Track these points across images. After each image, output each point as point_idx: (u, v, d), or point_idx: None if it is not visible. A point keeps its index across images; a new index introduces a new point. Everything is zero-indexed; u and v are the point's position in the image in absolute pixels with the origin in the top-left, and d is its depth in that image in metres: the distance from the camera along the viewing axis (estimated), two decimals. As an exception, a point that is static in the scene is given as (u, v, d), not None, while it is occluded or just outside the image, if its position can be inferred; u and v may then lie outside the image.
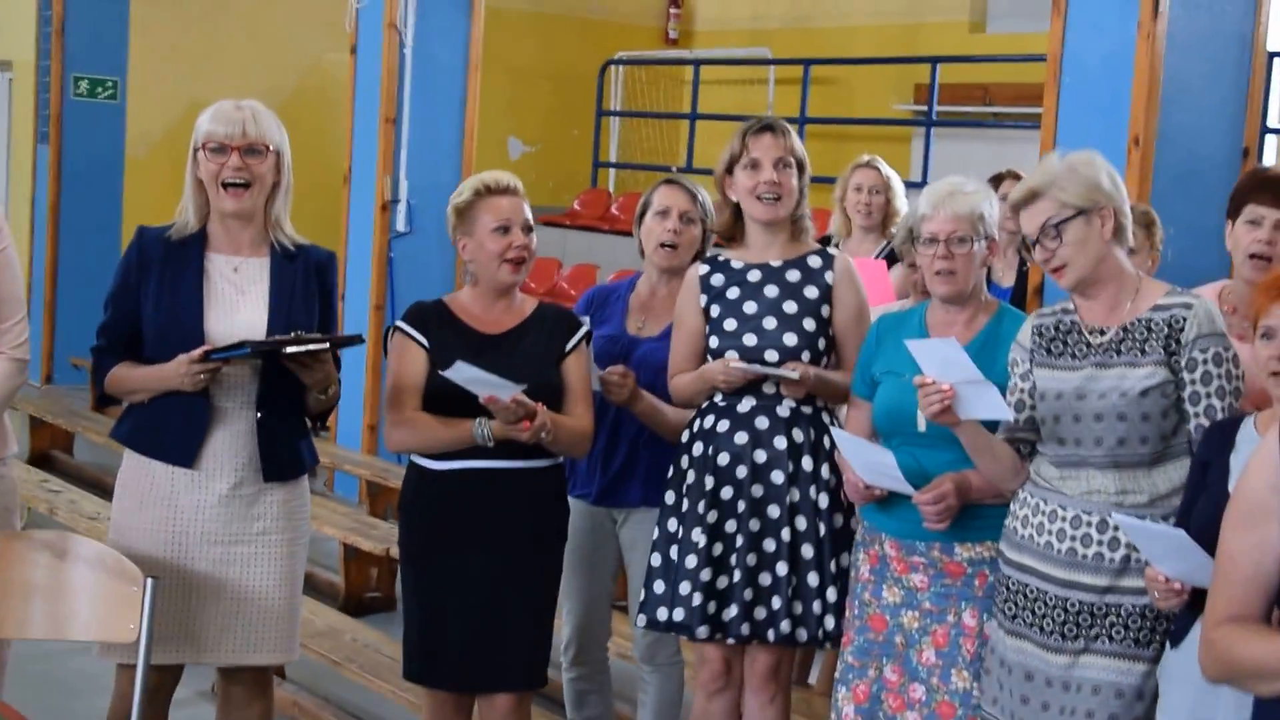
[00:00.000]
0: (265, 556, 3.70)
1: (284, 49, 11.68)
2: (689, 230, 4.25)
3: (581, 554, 4.28)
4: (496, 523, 3.74)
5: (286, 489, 3.73)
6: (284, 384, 3.61)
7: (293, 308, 3.66)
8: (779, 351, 3.86)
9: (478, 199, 3.80)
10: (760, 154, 3.90)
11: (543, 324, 3.86)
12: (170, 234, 3.69)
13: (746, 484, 3.86)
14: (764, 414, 3.89)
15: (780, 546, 3.83)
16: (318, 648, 4.99)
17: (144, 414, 3.69)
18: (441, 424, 3.71)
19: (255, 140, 3.61)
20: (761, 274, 3.96)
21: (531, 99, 11.68)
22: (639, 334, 4.27)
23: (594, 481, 4.25)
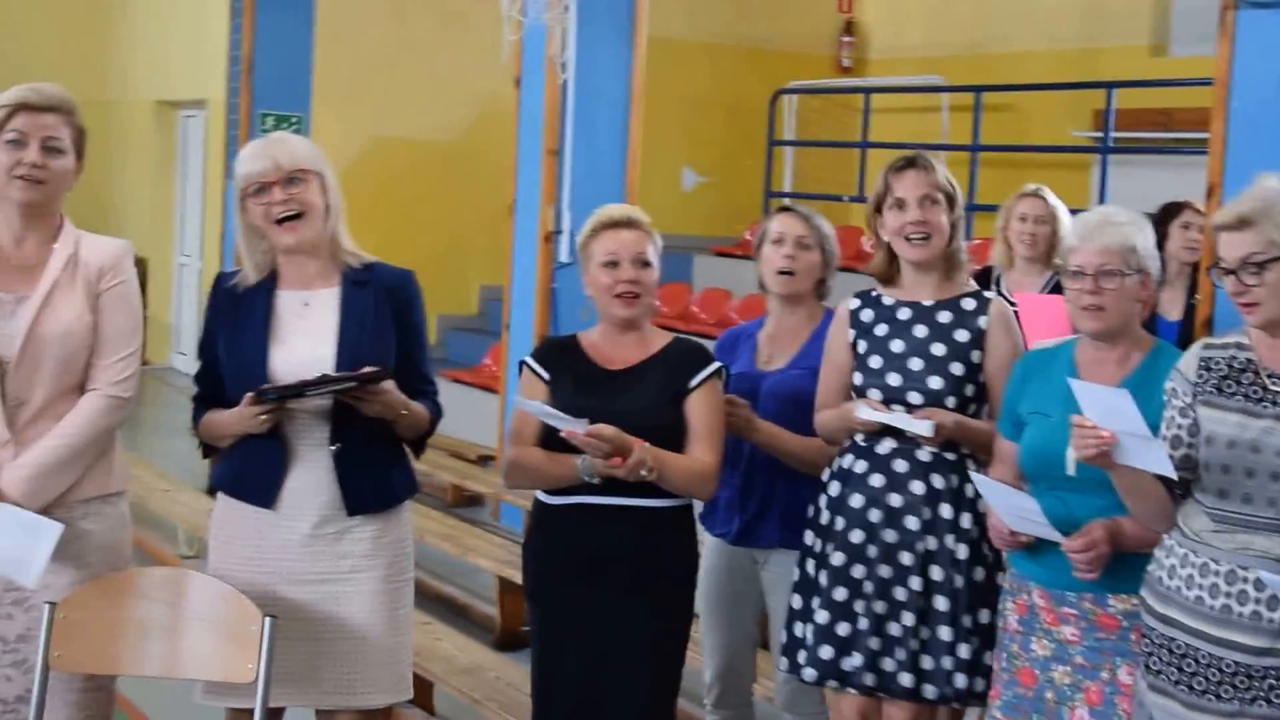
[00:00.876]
0: (359, 594, 3.57)
1: (461, 84, 11.80)
2: (805, 256, 4.09)
3: (722, 595, 4.15)
4: (611, 561, 3.61)
5: (378, 522, 3.61)
6: (361, 415, 3.50)
7: (362, 337, 3.55)
8: (922, 395, 3.68)
9: (594, 234, 3.72)
10: (905, 192, 3.74)
11: (668, 360, 3.72)
12: (240, 279, 3.65)
13: (879, 529, 3.69)
14: (903, 457, 3.71)
15: (910, 596, 3.65)
16: (459, 685, 4.90)
17: (230, 458, 3.64)
18: (550, 459, 3.61)
19: (292, 169, 3.53)
20: (912, 312, 3.79)
21: (704, 129, 11.60)
22: (767, 366, 4.12)
23: (732, 521, 4.10)
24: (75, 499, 3.50)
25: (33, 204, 3.47)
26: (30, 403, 3.45)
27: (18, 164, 3.44)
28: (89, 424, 3.48)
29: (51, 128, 3.47)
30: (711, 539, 4.15)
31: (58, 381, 3.47)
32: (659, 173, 11.03)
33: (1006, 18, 10.77)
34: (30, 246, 3.52)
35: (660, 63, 8.40)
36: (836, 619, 3.69)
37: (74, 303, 3.48)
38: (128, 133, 14.29)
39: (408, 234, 11.41)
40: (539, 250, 7.92)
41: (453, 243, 11.72)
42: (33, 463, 3.41)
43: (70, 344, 3.46)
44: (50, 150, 3.47)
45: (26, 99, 3.46)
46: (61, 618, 3.32)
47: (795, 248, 4.06)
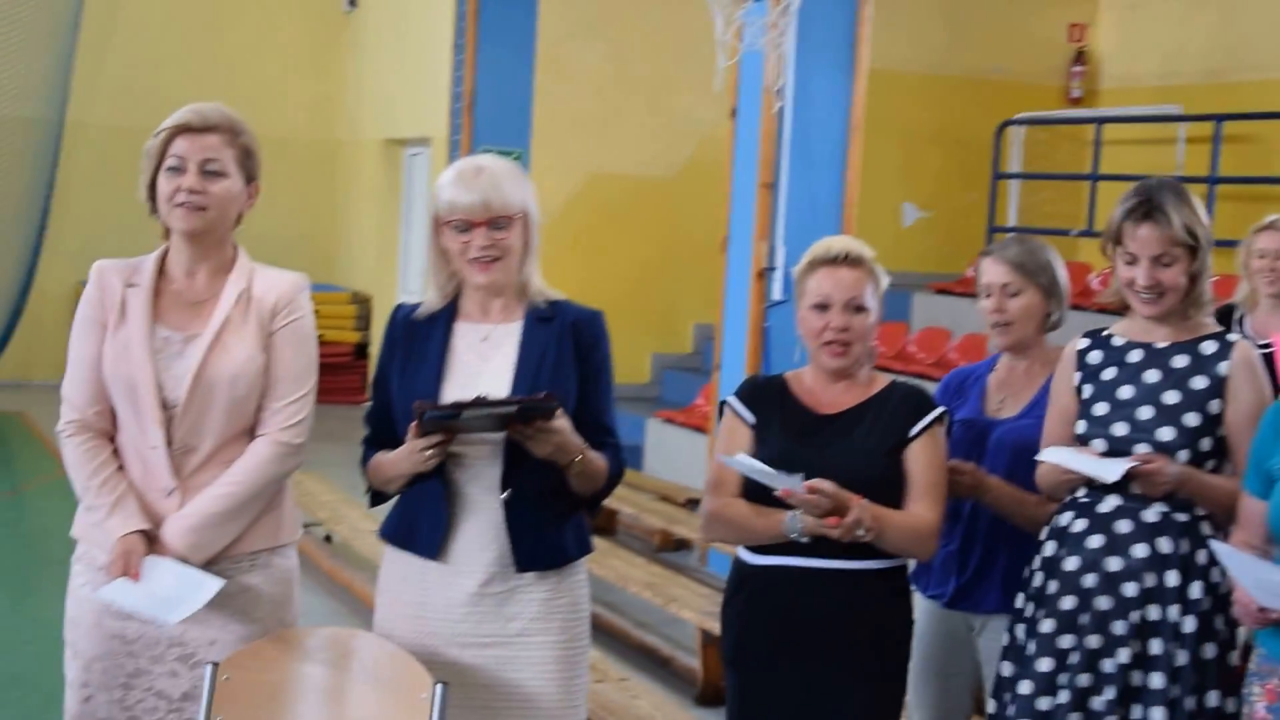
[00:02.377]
0: (526, 661, 3.23)
1: (680, 118, 11.64)
2: (1015, 304, 3.66)
3: (934, 662, 3.76)
4: (819, 630, 3.27)
5: (550, 583, 3.25)
6: (535, 463, 3.16)
7: (540, 374, 3.21)
8: (1152, 446, 3.26)
9: (809, 270, 3.37)
10: (1138, 249, 3.30)
11: (885, 405, 3.35)
12: (420, 311, 3.34)
13: (1093, 595, 3.28)
14: (1128, 517, 3.29)
15: (1117, 670, 3.23)
16: (655, 748, 4.56)
17: (398, 505, 3.34)
18: (754, 513, 3.28)
19: (500, 213, 3.20)
20: (1143, 354, 3.37)
21: (924, 163, 11.20)
22: (997, 414, 3.71)
23: (948, 582, 3.70)
24: (242, 551, 3.26)
25: (196, 232, 3.25)
26: (199, 449, 3.23)
27: (177, 190, 3.22)
28: (257, 472, 3.23)
29: (212, 149, 3.24)
30: (924, 601, 3.77)
31: (228, 426, 3.24)
32: (877, 208, 10.64)
33: (1251, 43, 10.09)
34: (202, 280, 3.30)
35: (880, 94, 8.02)
36: (1040, 692, 3.31)
37: (246, 342, 3.25)
38: (357, 172, 14.51)
39: (623, 270, 11.25)
40: (751, 287, 7.58)
41: (668, 280, 11.54)
42: (196, 513, 3.18)
43: (241, 386, 3.23)
44: (210, 175, 3.23)
45: (186, 121, 3.24)
46: (225, 679, 3.08)
47: (1001, 297, 3.66)
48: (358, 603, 7.04)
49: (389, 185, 14.02)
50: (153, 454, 3.20)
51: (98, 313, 3.26)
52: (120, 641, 3.22)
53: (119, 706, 3.23)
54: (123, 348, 3.21)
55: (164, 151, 3.23)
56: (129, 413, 3.22)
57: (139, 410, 3.20)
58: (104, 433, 3.26)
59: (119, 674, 3.22)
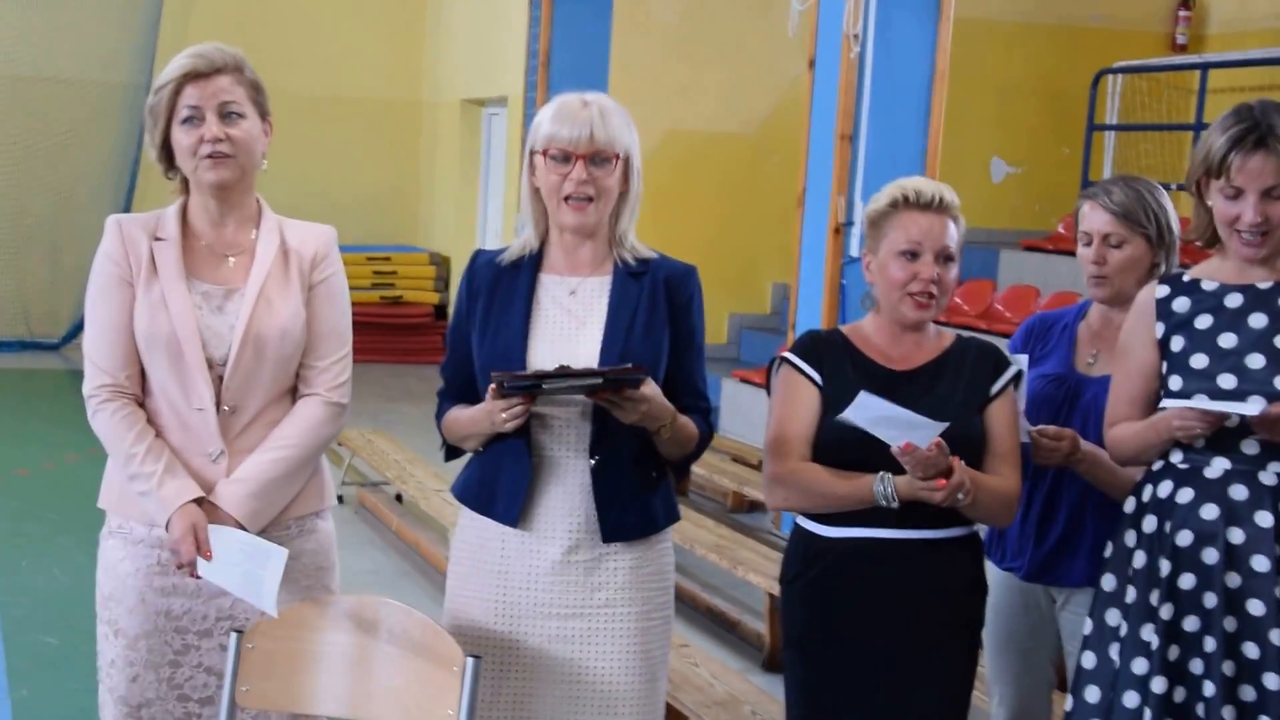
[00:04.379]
0: (611, 633, 3.06)
1: (758, 74, 11.41)
2: (1116, 255, 3.39)
3: (1013, 637, 3.53)
4: (900, 605, 3.05)
5: (636, 551, 3.08)
6: (624, 427, 2.96)
7: (631, 333, 3.02)
8: (1266, 399, 2.90)
9: (893, 211, 3.10)
10: (1244, 181, 2.95)
11: (963, 361, 3.12)
12: (503, 257, 3.13)
13: (1218, 572, 2.95)
14: (1242, 481, 2.96)
15: (1269, 652, 2.90)
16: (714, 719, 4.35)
17: (477, 465, 3.15)
18: (835, 477, 3.04)
19: (604, 147, 2.98)
20: (1244, 298, 3.04)
21: (1017, 116, 10.85)
22: (1089, 371, 3.43)
23: (1026, 554, 3.45)
24: (291, 516, 3.12)
25: (227, 183, 3.06)
26: (246, 409, 3.07)
27: (200, 142, 3.03)
28: (311, 434, 3.09)
29: (225, 91, 3.04)
30: (999, 573, 3.52)
31: (274, 385, 3.09)
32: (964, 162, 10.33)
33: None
34: (230, 232, 3.12)
35: (969, 44, 7.74)
36: (1169, 683, 2.98)
37: (290, 297, 3.08)
38: (436, 133, 14.43)
39: (701, 229, 11.05)
40: (828, 244, 7.32)
41: (746, 238, 11.33)
42: (253, 478, 3.03)
43: (289, 343, 3.07)
44: (230, 118, 3.04)
45: (192, 67, 3.04)
46: (250, 648, 2.92)
47: (1103, 247, 3.39)
48: (425, 562, 6.98)
49: (468, 146, 13.92)
50: (198, 416, 3.04)
51: (122, 270, 3.07)
52: (166, 618, 3.08)
53: (168, 685, 3.10)
54: (159, 304, 3.03)
55: (174, 104, 3.04)
56: (168, 373, 3.04)
57: (183, 369, 3.03)
58: (136, 398, 3.08)
59: (167, 651, 3.09)
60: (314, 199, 11.25)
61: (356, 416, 9.85)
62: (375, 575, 6.75)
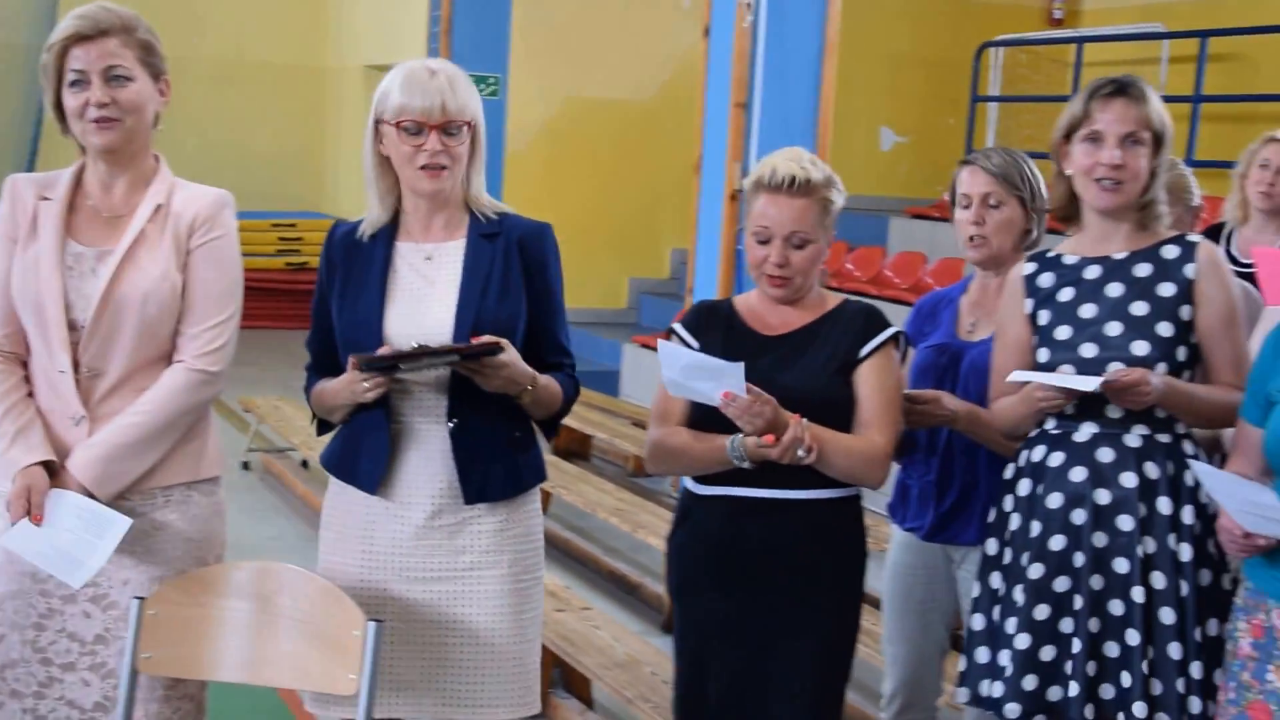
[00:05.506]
0: (479, 595, 3.06)
1: (656, 41, 11.41)
2: (995, 216, 3.42)
3: (911, 597, 3.59)
4: (764, 561, 3.08)
5: (502, 513, 3.08)
6: (479, 390, 2.98)
7: (486, 296, 3.02)
8: (1127, 364, 3.01)
9: (754, 191, 3.12)
10: (1105, 126, 3.05)
11: (836, 325, 3.13)
12: (361, 229, 3.11)
13: (1086, 532, 3.03)
14: (1108, 444, 3.06)
15: (1132, 610, 3.00)
16: (613, 681, 4.40)
17: (342, 434, 3.15)
18: (697, 441, 3.07)
19: (455, 116, 2.96)
20: (1102, 269, 3.12)
21: (904, 86, 10.97)
22: (969, 337, 3.50)
23: (927, 514, 3.50)
24: (155, 485, 3.03)
25: (114, 146, 3.00)
26: (107, 374, 2.99)
27: (85, 106, 2.97)
28: (170, 401, 2.99)
29: (111, 54, 2.97)
30: (900, 533, 3.59)
31: (139, 350, 3.00)
32: (856, 131, 10.44)
33: (1236, -42, 9.81)
34: (119, 194, 3.06)
35: (859, 15, 7.78)
36: (1041, 642, 3.07)
37: (160, 259, 3.00)
38: (341, 99, 14.25)
39: (601, 195, 11.06)
40: (724, 210, 7.36)
41: (645, 205, 11.35)
42: (104, 443, 2.96)
43: (153, 307, 2.98)
44: (116, 81, 2.97)
45: (77, 30, 2.97)
46: (151, 614, 2.90)
47: (981, 208, 3.42)
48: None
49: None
50: (61, 379, 2.98)
51: (9, 228, 3.02)
52: (32, 580, 3.02)
53: (31, 648, 3.03)
54: (32, 264, 2.98)
55: (61, 66, 2.98)
56: (37, 334, 2.99)
57: (46, 331, 2.97)
58: (15, 357, 3.03)
59: (31, 614, 3.03)
60: (218, 164, 11.09)
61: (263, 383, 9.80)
62: (279, 541, 6.70)
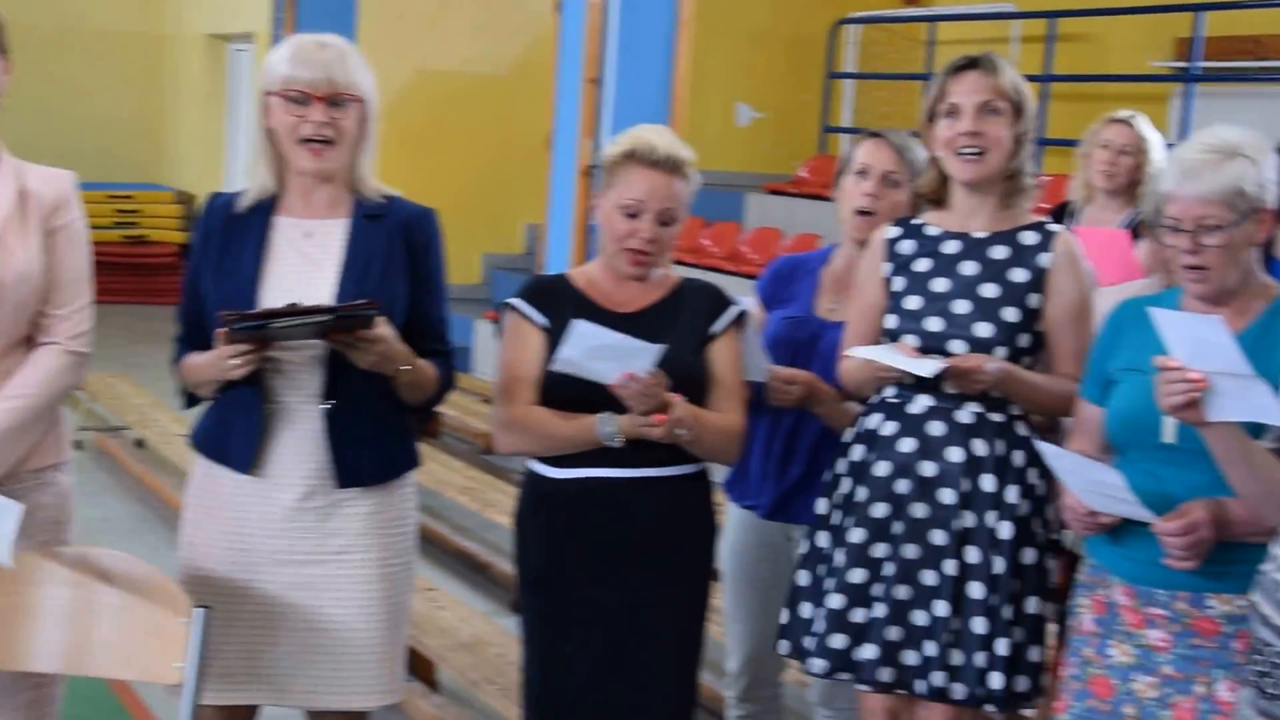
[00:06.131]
0: (349, 579, 2.99)
1: (508, 14, 11.24)
2: (891, 194, 3.36)
3: (752, 575, 3.54)
4: (629, 544, 3.03)
5: (375, 498, 3.01)
6: (360, 371, 2.89)
7: (367, 278, 2.94)
8: (968, 343, 3.02)
9: (626, 162, 3.03)
10: (961, 98, 3.04)
11: (685, 302, 3.09)
12: (239, 201, 3.01)
13: (907, 502, 3.04)
14: (940, 418, 3.06)
15: (943, 582, 3.01)
16: (457, 663, 4.31)
17: (213, 412, 3.05)
18: (560, 419, 2.98)
19: (343, 89, 2.89)
20: (960, 245, 3.10)
21: (761, 62, 10.92)
22: (830, 316, 3.42)
23: (766, 493, 3.45)
24: (28, 468, 2.97)
25: None
26: None
27: None
28: (49, 382, 2.94)
29: None
30: (739, 512, 3.53)
31: (10, 333, 2.91)
32: (713, 107, 10.39)
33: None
34: None
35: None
36: (852, 604, 3.08)
37: (29, 242, 2.91)
38: (181, 68, 13.86)
39: (453, 170, 10.88)
40: (577, 186, 7.29)
41: (498, 179, 11.21)
42: None
43: (25, 289, 2.89)
44: None
45: None
46: (-36, 603, 2.73)
47: (881, 184, 3.35)
48: (166, 509, 6.69)
49: (213, 82, 13.43)
50: None
51: None
52: None
53: None
54: None
55: None
56: None
57: None
58: None
59: None
60: (52, 135, 10.69)
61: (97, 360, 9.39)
62: (110, 524, 6.47)
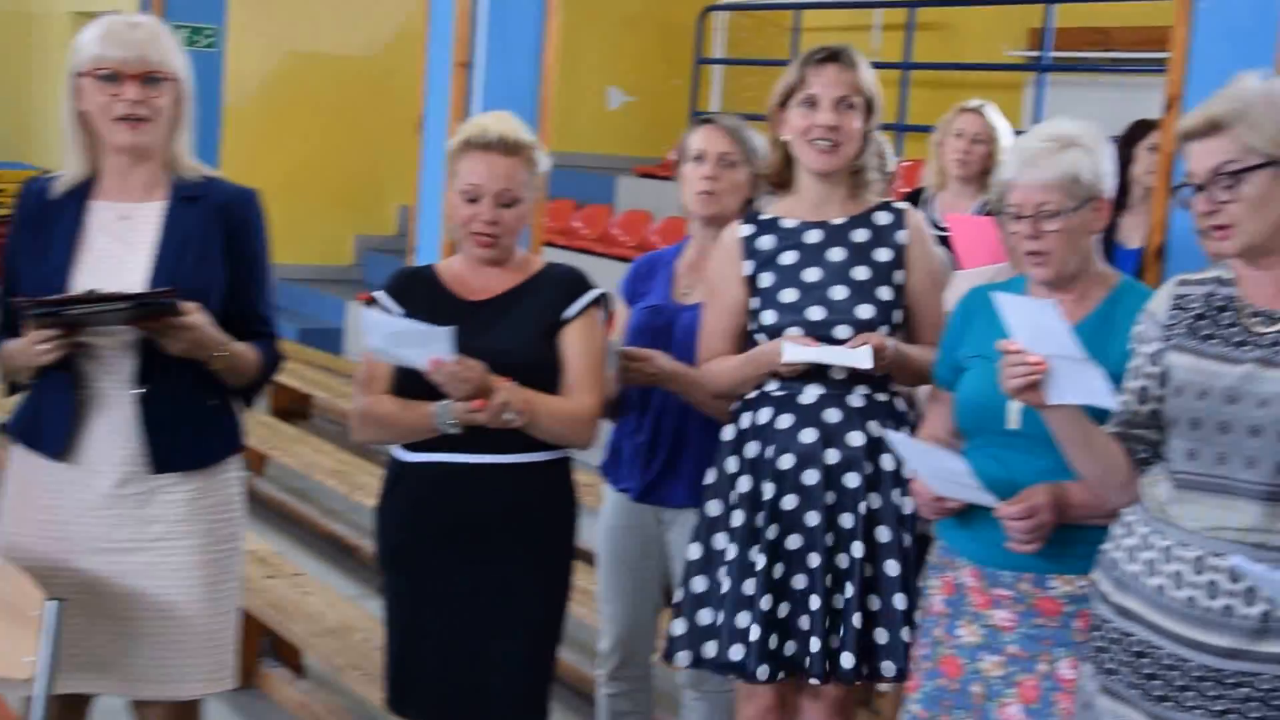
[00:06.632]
0: (170, 567, 2.97)
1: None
2: (729, 175, 3.42)
3: (623, 556, 3.57)
4: (480, 528, 3.03)
5: (195, 483, 3.00)
6: (177, 357, 2.87)
7: (183, 261, 2.91)
8: (853, 327, 3.07)
9: (462, 150, 3.05)
10: (820, 90, 3.08)
11: (542, 288, 3.09)
12: (56, 185, 2.96)
13: (818, 491, 3.06)
14: (834, 405, 3.09)
15: (854, 564, 3.04)
16: (323, 649, 4.26)
17: (29, 398, 2.99)
18: (404, 409, 2.99)
19: (157, 67, 2.87)
20: (823, 234, 3.15)
21: (633, 47, 10.90)
22: (684, 300, 3.47)
23: (637, 475, 3.48)
24: None
25: None
26: None
27: None
28: None
29: None
30: (613, 494, 3.56)
31: None
32: (584, 91, 10.37)
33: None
34: None
35: (588, -24, 7.69)
36: (775, 600, 3.08)
37: None
38: (47, 46, 13.44)
39: (326, 151, 10.72)
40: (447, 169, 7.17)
41: (370, 161, 11.04)
42: None
43: None
44: None
45: None
46: None
47: (718, 166, 3.40)
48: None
49: (80, 61, 13.04)
50: None
51: None
52: None
53: None
54: None
55: None
56: None
57: None
58: None
59: None
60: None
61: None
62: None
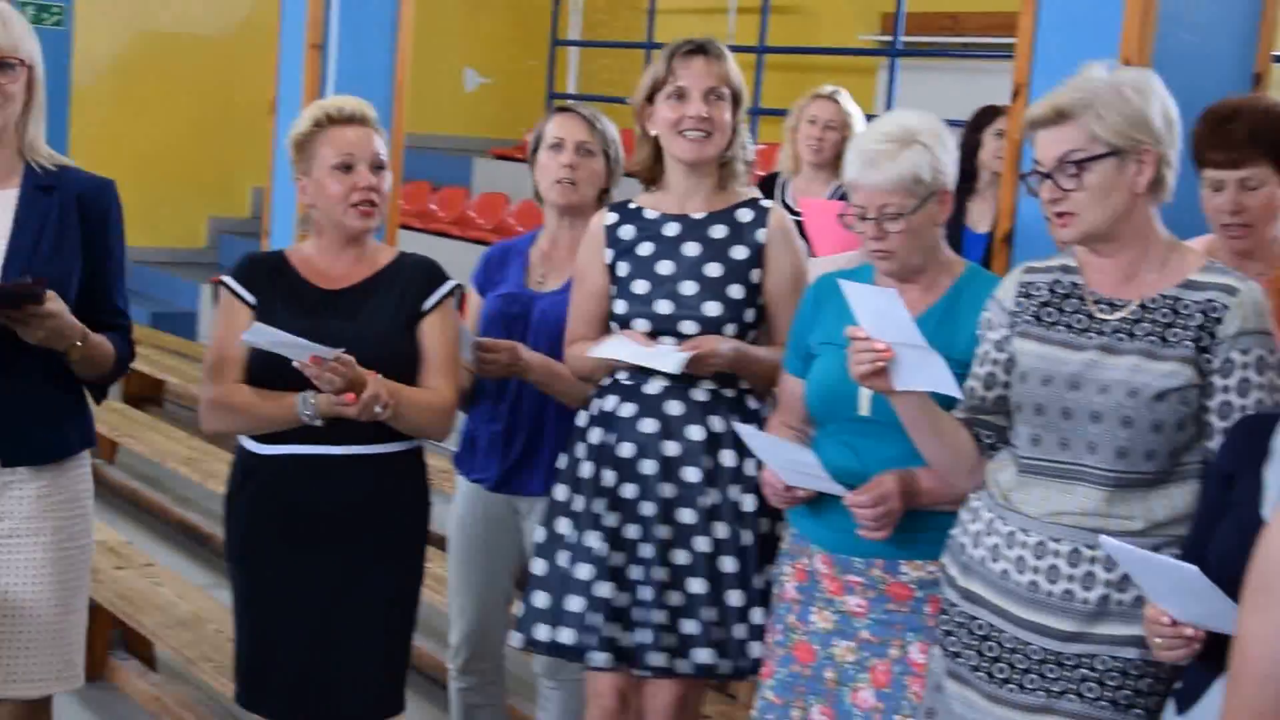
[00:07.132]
0: (17, 565, 2.90)
1: (237, -27, 10.75)
2: (587, 163, 3.39)
3: (476, 547, 3.51)
4: (333, 520, 2.98)
5: (46, 478, 2.94)
6: (27, 347, 2.78)
7: (38, 250, 2.84)
8: (699, 323, 3.04)
9: (317, 130, 2.99)
10: (689, 82, 3.05)
11: (397, 278, 3.04)
12: None
13: (654, 482, 3.03)
14: (677, 398, 3.06)
15: (696, 559, 3.01)
16: (174, 640, 4.16)
17: None
18: (262, 399, 2.93)
19: (9, 52, 2.78)
20: (680, 227, 3.12)
21: (489, 28, 10.77)
22: (539, 289, 3.43)
23: (493, 465, 3.43)
24: None
25: None
26: None
27: None
28: None
29: None
30: (467, 484, 3.51)
31: None
32: (440, 72, 10.22)
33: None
34: None
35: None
36: (615, 588, 3.04)
37: None
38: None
39: (177, 132, 10.43)
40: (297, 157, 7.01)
41: (224, 143, 10.74)
42: None
43: None
44: None
45: None
46: None
47: (576, 154, 3.37)
48: None
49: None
50: None
51: None
52: None
53: None
54: None
55: None
56: None
57: None
58: None
59: None
60: None
61: None
62: None
